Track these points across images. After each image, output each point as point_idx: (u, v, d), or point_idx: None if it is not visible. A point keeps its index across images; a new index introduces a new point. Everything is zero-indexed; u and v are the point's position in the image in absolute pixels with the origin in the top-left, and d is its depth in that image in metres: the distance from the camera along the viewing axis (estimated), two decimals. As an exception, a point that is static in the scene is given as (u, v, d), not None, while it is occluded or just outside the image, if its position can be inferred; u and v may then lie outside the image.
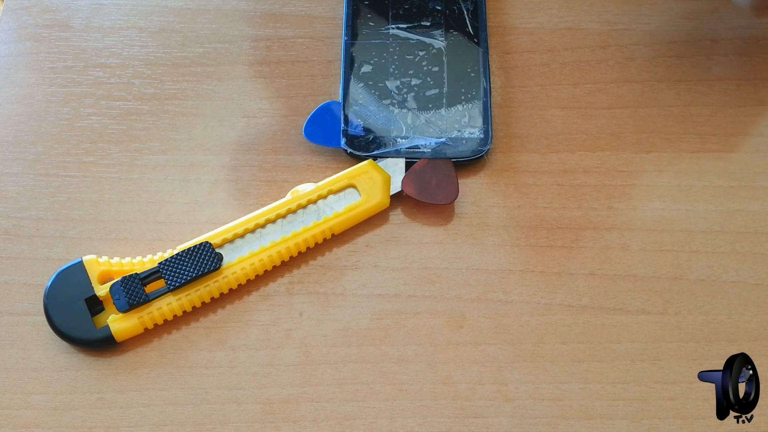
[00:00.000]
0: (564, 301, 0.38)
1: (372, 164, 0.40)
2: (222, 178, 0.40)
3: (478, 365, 0.37)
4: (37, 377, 0.36)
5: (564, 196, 0.40)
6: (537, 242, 0.39)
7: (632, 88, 0.42)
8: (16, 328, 0.37)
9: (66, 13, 0.45)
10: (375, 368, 0.37)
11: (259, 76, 0.43)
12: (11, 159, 0.41)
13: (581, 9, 0.44)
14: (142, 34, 0.44)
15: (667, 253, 0.39)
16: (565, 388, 0.36)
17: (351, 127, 0.41)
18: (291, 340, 0.37)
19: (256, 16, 0.44)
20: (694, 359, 0.37)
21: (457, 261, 0.39)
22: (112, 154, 0.41)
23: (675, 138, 0.41)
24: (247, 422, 0.36)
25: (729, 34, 0.44)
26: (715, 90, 0.42)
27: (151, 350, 0.37)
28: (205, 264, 0.37)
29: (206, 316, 0.38)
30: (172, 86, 0.43)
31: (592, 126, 0.42)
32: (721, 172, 0.40)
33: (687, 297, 0.38)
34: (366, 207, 0.39)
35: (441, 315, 0.38)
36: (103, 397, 0.36)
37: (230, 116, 0.42)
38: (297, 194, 0.39)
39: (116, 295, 0.36)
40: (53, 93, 0.42)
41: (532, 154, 0.41)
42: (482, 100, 0.41)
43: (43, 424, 0.35)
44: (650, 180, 0.40)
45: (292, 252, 0.38)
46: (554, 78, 0.43)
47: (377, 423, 0.36)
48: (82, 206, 0.40)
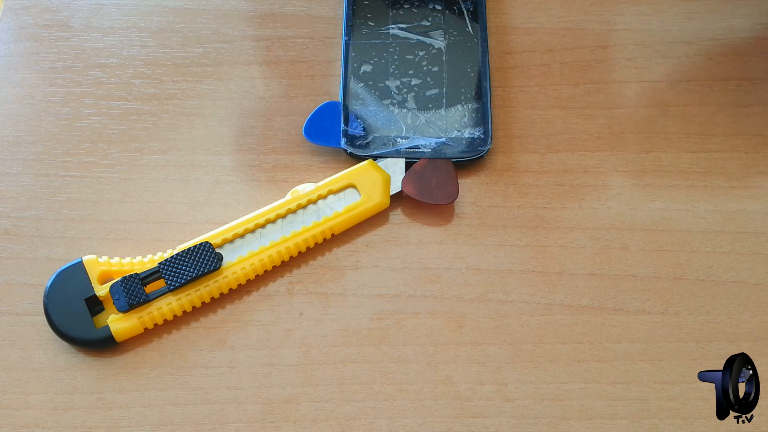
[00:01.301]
0: (564, 301, 0.38)
1: (372, 164, 0.40)
2: (222, 178, 0.40)
3: (478, 365, 0.37)
4: (37, 377, 0.36)
5: (564, 196, 0.40)
6: (537, 242, 0.39)
7: (632, 88, 0.42)
8: (16, 328, 0.37)
9: (66, 13, 0.45)
10: (375, 368, 0.37)
11: (259, 76, 0.43)
12: (11, 159, 0.41)
13: (581, 9, 0.44)
14: (142, 34, 0.44)
15: (667, 253, 0.39)
16: (565, 388, 0.36)
17: (351, 127, 0.41)
18: (291, 340, 0.37)
19: (256, 16, 0.44)
20: (694, 359, 0.37)
21: (457, 261, 0.39)
22: (112, 154, 0.41)
23: (675, 138, 0.41)
24: (247, 422, 0.36)
25: (729, 34, 0.44)
26: (715, 90, 0.42)
27: (151, 350, 0.37)
28: (205, 264, 0.37)
29: (206, 316, 0.38)
30: (172, 86, 0.43)
31: (592, 126, 0.42)
32: (721, 172, 0.40)
33: (687, 297, 0.38)
34: (366, 207, 0.39)
35: (441, 315, 0.38)
36: (103, 397, 0.36)
37: (230, 116, 0.42)
38: (297, 194, 0.39)
39: (116, 295, 0.36)
40: (53, 93, 0.42)
41: (532, 154, 0.41)
42: (482, 100, 0.41)
43: (43, 424, 0.35)
44: (650, 180, 0.40)
45: (292, 252, 0.38)
46: (554, 78, 0.43)
47: (377, 423, 0.36)
48: (82, 206, 0.40)
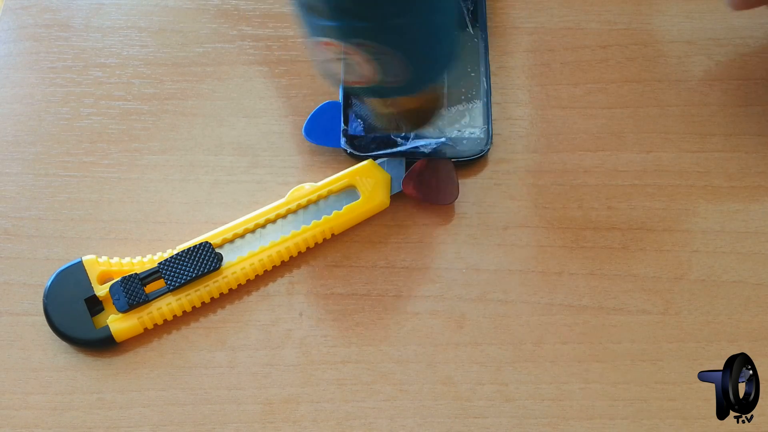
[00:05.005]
0: (564, 301, 0.38)
1: (372, 164, 0.40)
2: (222, 178, 0.40)
3: (478, 365, 0.37)
4: (37, 377, 0.36)
5: (564, 196, 0.40)
6: (537, 242, 0.39)
7: (632, 88, 0.42)
8: (16, 328, 0.37)
9: (66, 13, 0.45)
10: (375, 368, 0.37)
11: (259, 76, 0.43)
12: (11, 159, 0.41)
13: (581, 9, 0.44)
14: (142, 34, 0.44)
15: (667, 253, 0.39)
16: (566, 388, 0.36)
17: (351, 127, 0.41)
18: (291, 340, 0.37)
19: (256, 16, 0.44)
20: (694, 359, 0.37)
21: (457, 261, 0.39)
22: (112, 154, 0.41)
23: (675, 138, 0.41)
24: (247, 422, 0.36)
25: (729, 34, 0.44)
26: (715, 90, 0.42)
27: (151, 350, 0.37)
28: (205, 264, 0.37)
29: (206, 316, 0.38)
30: (171, 86, 0.43)
31: (592, 126, 0.42)
32: (721, 172, 0.40)
33: (687, 297, 0.38)
34: (366, 207, 0.39)
35: (441, 315, 0.38)
36: (103, 397, 0.36)
37: (230, 116, 0.42)
38: (297, 194, 0.39)
39: (116, 295, 0.36)
40: (53, 93, 0.42)
41: (532, 154, 0.41)
42: (482, 100, 0.41)
43: (42, 424, 0.35)
44: (650, 180, 0.40)
45: (292, 252, 0.38)
46: (554, 78, 0.43)
47: (377, 423, 0.36)
48: (82, 206, 0.40)
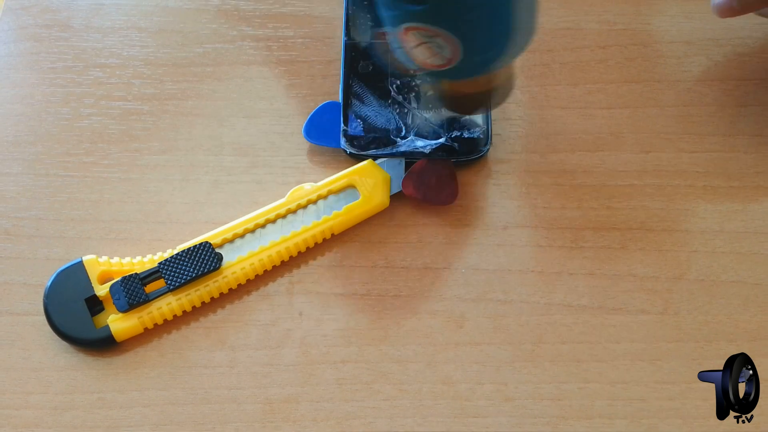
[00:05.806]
0: (564, 301, 0.38)
1: (372, 164, 0.40)
2: (222, 178, 0.40)
3: (478, 365, 0.37)
4: (37, 377, 0.36)
5: (564, 196, 0.40)
6: (537, 242, 0.39)
7: (631, 88, 0.42)
8: (16, 328, 0.37)
9: (66, 13, 0.45)
10: (375, 368, 0.37)
11: (259, 76, 0.43)
12: (11, 159, 0.41)
13: (581, 9, 0.44)
14: (142, 34, 0.44)
15: (667, 253, 0.39)
16: (565, 388, 0.36)
17: (351, 127, 0.41)
18: (291, 340, 0.37)
19: (256, 16, 0.44)
20: (693, 359, 0.37)
21: (457, 261, 0.39)
22: (112, 154, 0.41)
23: (674, 138, 0.41)
24: (247, 422, 0.36)
25: (729, 34, 0.44)
26: (714, 90, 0.42)
27: (151, 350, 0.37)
28: (205, 264, 0.37)
29: (206, 316, 0.38)
30: (172, 86, 0.43)
31: (592, 126, 0.42)
32: (720, 172, 0.40)
33: (687, 297, 0.38)
34: (366, 207, 0.39)
35: (441, 315, 0.38)
36: (103, 397, 0.36)
37: (230, 116, 0.42)
38: (297, 194, 0.39)
39: (116, 295, 0.36)
40: (53, 93, 0.42)
41: (532, 154, 0.41)
42: (482, 100, 0.41)
43: (43, 424, 0.35)
44: (649, 180, 0.40)
45: (292, 252, 0.38)
46: (554, 78, 0.43)
47: (377, 423, 0.36)
48: (82, 206, 0.40)
